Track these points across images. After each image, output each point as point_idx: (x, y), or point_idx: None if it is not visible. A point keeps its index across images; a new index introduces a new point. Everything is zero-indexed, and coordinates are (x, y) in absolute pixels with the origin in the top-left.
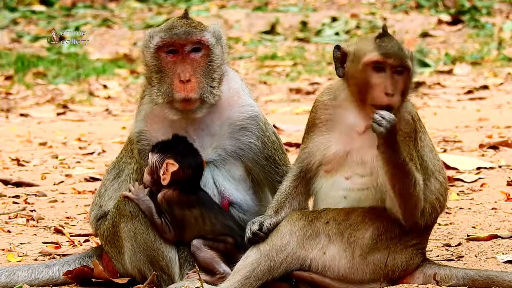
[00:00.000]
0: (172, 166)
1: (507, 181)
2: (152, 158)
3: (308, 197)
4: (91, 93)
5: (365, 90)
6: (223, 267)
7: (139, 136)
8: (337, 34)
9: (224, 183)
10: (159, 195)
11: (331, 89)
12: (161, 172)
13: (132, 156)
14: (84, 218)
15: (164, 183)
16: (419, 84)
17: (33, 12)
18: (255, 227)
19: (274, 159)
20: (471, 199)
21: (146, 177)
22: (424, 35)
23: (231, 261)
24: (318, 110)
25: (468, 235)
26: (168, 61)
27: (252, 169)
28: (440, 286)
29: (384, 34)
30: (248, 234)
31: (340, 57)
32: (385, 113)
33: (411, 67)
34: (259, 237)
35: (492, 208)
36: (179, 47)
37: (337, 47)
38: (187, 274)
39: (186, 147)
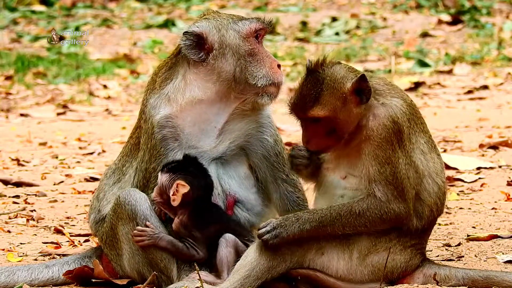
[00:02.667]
0: (183, 187)
1: (507, 181)
2: (162, 178)
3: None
4: (91, 93)
5: None
6: (229, 273)
7: (166, 121)
8: (337, 34)
9: (229, 181)
10: (174, 225)
11: None
12: (171, 193)
13: (139, 150)
14: (84, 218)
15: (174, 204)
16: (419, 84)
17: (33, 12)
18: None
19: (283, 156)
20: (471, 199)
21: (156, 196)
22: (424, 35)
23: None
24: None
25: (468, 235)
26: (258, 46)
27: (258, 166)
28: (440, 286)
29: (306, 76)
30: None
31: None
32: (262, 230)
33: (321, 115)
34: None
35: (492, 208)
36: (261, 34)
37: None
38: (186, 276)
39: (196, 168)
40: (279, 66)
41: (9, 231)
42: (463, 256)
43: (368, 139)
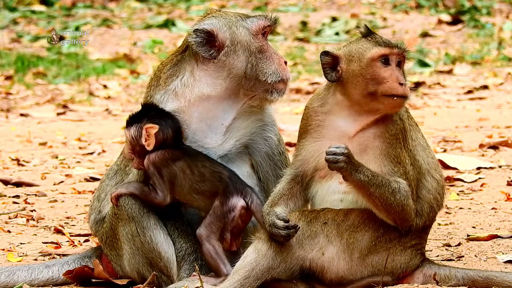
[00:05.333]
0: (152, 129)
1: (507, 181)
2: (129, 131)
3: (304, 201)
4: (91, 93)
5: (375, 85)
6: (227, 267)
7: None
8: (337, 34)
9: None
10: (145, 161)
11: (319, 95)
12: (143, 140)
13: None
14: (84, 218)
15: (149, 148)
16: (419, 84)
17: (33, 12)
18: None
19: (285, 156)
20: (471, 199)
21: (128, 154)
22: (424, 35)
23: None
24: (308, 117)
25: (468, 235)
26: (266, 43)
27: (260, 165)
28: (440, 286)
29: (370, 33)
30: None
31: (331, 62)
32: (333, 148)
33: (406, 59)
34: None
35: (492, 208)
36: (267, 31)
37: (325, 53)
38: (186, 275)
39: (158, 111)
40: (285, 62)
41: (9, 231)
42: (463, 256)
43: (378, 137)
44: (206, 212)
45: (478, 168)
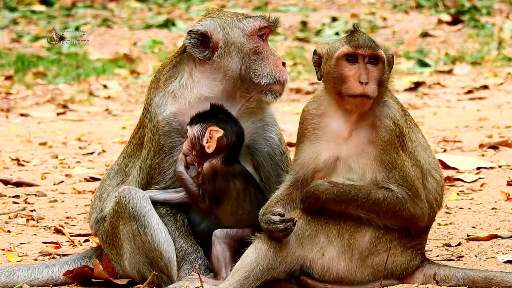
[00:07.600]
0: (217, 132)
1: (507, 181)
2: (193, 130)
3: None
4: (91, 93)
5: (340, 83)
6: (228, 272)
7: (172, 118)
8: (337, 34)
9: None
10: (206, 165)
11: (315, 97)
12: (205, 141)
13: (143, 149)
14: (84, 218)
15: (210, 150)
16: (419, 84)
17: (33, 12)
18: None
19: (287, 156)
20: (471, 199)
21: (186, 150)
22: (424, 35)
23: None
24: (305, 120)
25: (468, 235)
26: (262, 45)
27: (262, 165)
28: (440, 286)
29: (355, 31)
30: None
31: (318, 61)
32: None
33: (384, 57)
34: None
35: (492, 208)
36: (266, 33)
37: (314, 52)
38: (185, 275)
39: (225, 114)
40: (284, 64)
41: (9, 231)
42: (463, 256)
43: (372, 142)
44: (221, 221)
45: (478, 168)
